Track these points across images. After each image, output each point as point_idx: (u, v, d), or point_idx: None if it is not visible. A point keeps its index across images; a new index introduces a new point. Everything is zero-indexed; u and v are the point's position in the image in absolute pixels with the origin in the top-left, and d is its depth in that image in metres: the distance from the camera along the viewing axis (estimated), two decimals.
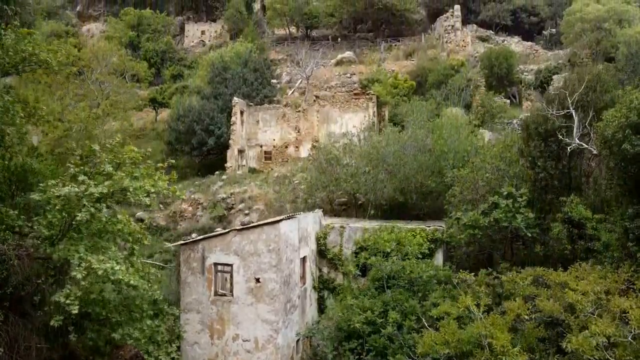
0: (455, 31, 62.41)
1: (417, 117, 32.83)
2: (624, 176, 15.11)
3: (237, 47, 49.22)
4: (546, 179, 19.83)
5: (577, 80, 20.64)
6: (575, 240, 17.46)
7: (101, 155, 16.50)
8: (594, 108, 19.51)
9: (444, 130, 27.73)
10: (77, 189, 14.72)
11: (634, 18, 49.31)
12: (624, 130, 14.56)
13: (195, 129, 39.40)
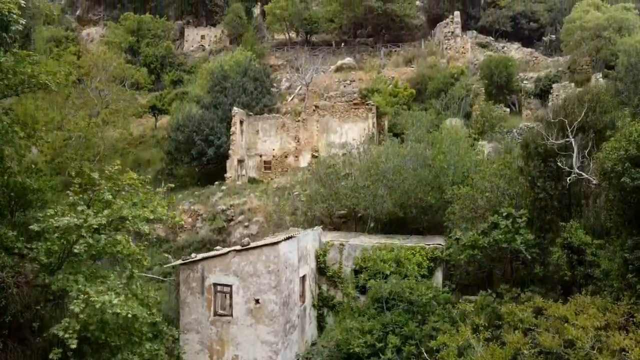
0: (455, 37, 62.39)
1: (416, 130, 32.81)
2: (623, 206, 15.10)
3: (236, 55, 49.18)
4: (546, 200, 19.80)
5: (577, 100, 20.60)
6: (574, 266, 17.45)
7: (100, 183, 16.44)
8: (593, 130, 19.48)
9: (444, 145, 27.71)
10: (76, 219, 14.68)
11: (634, 26, 49.28)
12: (624, 163, 14.54)
13: (195, 139, 39.36)
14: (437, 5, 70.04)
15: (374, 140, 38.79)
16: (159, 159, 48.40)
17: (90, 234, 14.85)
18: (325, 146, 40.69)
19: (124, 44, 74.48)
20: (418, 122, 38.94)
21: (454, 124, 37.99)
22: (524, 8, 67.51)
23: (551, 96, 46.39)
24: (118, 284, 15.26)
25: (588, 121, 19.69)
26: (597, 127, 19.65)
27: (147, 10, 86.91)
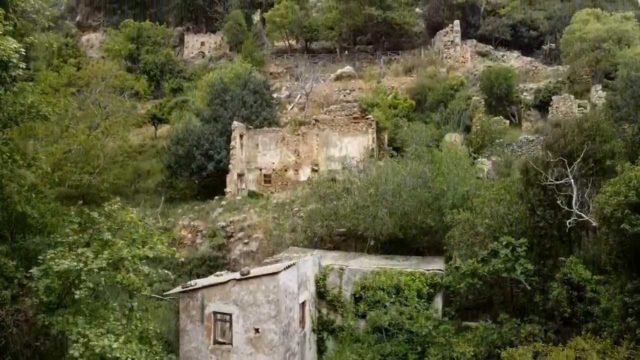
0: (454, 46, 62.46)
1: (416, 147, 32.83)
2: (623, 249, 15.11)
3: (236, 67, 49.16)
4: (545, 228, 19.82)
5: (577, 127, 20.60)
6: (574, 302, 17.46)
7: (100, 221, 16.44)
8: (593, 159, 19.49)
9: (444, 165, 27.72)
10: (76, 263, 14.66)
11: (633, 38, 49.29)
12: (623, 210, 14.56)
13: (195, 153, 39.37)
14: (436, 14, 70.05)
15: (374, 155, 38.77)
16: (158, 170, 48.41)
17: (90, 277, 14.84)
18: (325, 160, 40.72)
19: (123, 51, 74.53)
20: (418, 137, 39.05)
21: (454, 139, 38.05)
22: (524, 16, 67.56)
23: (551, 108, 46.42)
24: (118, 324, 15.23)
25: (588, 150, 19.70)
26: (596, 157, 19.67)
27: (147, 16, 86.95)
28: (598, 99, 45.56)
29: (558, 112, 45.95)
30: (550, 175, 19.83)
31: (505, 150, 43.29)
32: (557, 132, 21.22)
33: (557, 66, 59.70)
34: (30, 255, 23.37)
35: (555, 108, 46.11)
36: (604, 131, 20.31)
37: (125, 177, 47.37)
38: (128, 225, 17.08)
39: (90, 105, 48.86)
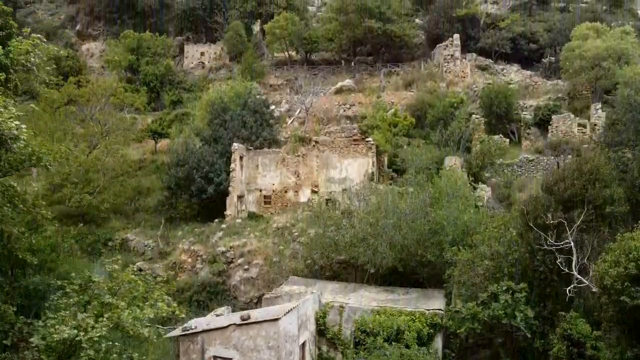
0: (454, 60, 62.51)
1: (416, 176, 32.92)
2: (622, 318, 15.15)
3: (236, 86, 49.15)
4: (545, 272, 19.87)
5: (576, 170, 20.63)
6: (574, 359, 17.51)
7: (100, 284, 16.46)
8: (593, 205, 19.54)
9: (443, 196, 27.77)
10: (76, 331, 14.66)
11: (633, 55, 49.32)
12: (623, 282, 14.62)
13: (195, 176, 39.37)
14: (436, 26, 70.01)
15: (374, 179, 38.79)
16: (159, 187, 48.35)
17: (90, 345, 14.83)
18: (325, 181, 40.73)
19: (123, 62, 74.53)
20: (418, 160, 39.10)
21: (454, 162, 38.05)
22: (524, 29, 67.52)
23: (551, 127, 46.48)
24: None
25: (587, 195, 19.74)
26: (596, 203, 19.71)
27: (147, 26, 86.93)
28: (598, 118, 45.61)
29: (558, 132, 46.07)
30: (551, 217, 19.85)
31: (505, 171, 43.42)
32: (557, 174, 21.22)
33: (557, 80, 59.71)
34: (30, 294, 23.44)
35: (555, 127, 46.20)
36: (604, 175, 20.34)
37: (126, 194, 47.34)
38: (128, 284, 17.06)
39: (91, 121, 48.88)
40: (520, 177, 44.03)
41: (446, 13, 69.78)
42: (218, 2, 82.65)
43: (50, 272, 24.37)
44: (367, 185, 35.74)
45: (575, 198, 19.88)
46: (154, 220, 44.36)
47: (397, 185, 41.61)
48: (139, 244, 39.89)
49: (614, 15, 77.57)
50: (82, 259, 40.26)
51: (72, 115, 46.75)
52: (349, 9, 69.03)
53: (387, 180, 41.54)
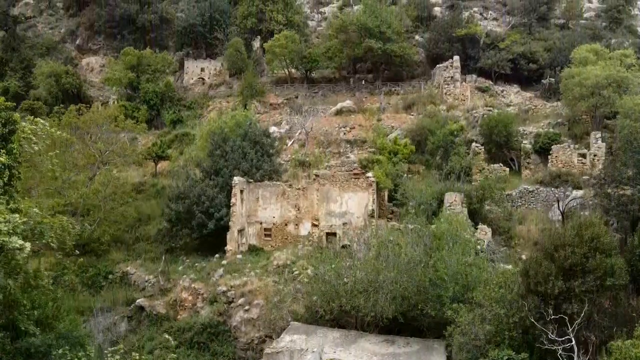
0: (454, 82, 62.71)
1: (415, 214, 33.01)
2: None
3: (237, 116, 49.19)
4: (545, 343, 19.95)
5: (577, 237, 20.70)
6: None
7: None
8: (594, 275, 19.63)
9: (444, 245, 27.86)
10: None
11: (633, 84, 49.42)
12: None
13: (195, 211, 39.46)
14: (436, 46, 70.19)
15: (374, 215, 38.88)
16: (159, 214, 48.39)
17: None
18: (326, 215, 40.82)
19: (123, 79, 74.60)
20: (418, 196, 39.24)
21: (454, 199, 38.13)
22: (523, 49, 67.61)
23: (550, 157, 46.58)
24: None
25: (588, 265, 19.83)
26: (597, 274, 19.81)
27: (147, 41, 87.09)
28: (598, 149, 45.72)
29: (558, 162, 46.18)
30: (552, 286, 19.92)
31: (505, 201, 43.47)
32: (558, 238, 21.30)
33: (557, 102, 59.83)
34: (32, 355, 23.47)
35: (555, 157, 46.31)
36: (604, 245, 20.42)
37: (126, 222, 47.39)
38: None
39: (91, 148, 48.90)
40: (520, 207, 44.22)
41: (446, 32, 69.96)
42: (218, 18, 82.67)
43: (52, 329, 24.37)
44: (367, 224, 35.83)
45: (576, 267, 19.98)
46: (155, 250, 44.43)
47: (397, 219, 41.94)
48: (140, 279, 39.98)
49: (614, 34, 77.75)
50: (83, 293, 40.50)
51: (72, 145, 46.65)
52: (349, 28, 69.24)
53: (387, 214, 41.68)
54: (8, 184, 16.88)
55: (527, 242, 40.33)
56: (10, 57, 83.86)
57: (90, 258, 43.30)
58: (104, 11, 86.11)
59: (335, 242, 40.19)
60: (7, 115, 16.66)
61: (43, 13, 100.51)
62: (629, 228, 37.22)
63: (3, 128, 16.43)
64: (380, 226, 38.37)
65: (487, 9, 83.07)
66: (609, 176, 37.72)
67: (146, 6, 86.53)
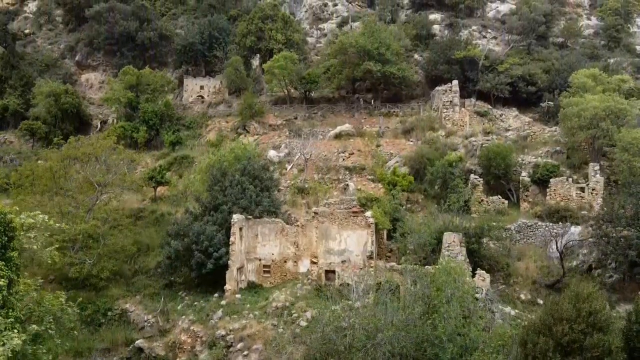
0: (453, 106, 62.81)
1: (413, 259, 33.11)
2: None
3: (236, 149, 49.24)
4: None
5: (575, 310, 20.80)
6: None
7: None
8: (590, 354, 19.73)
9: (443, 305, 27.95)
10: None
11: (630, 114, 49.52)
12: None
13: (194, 250, 39.52)
14: (435, 67, 70.30)
15: (373, 256, 38.95)
16: (158, 243, 48.42)
17: None
18: (325, 253, 40.83)
19: (123, 99, 74.68)
20: (417, 237, 39.37)
21: (453, 239, 38.20)
22: (522, 72, 67.73)
23: (549, 190, 46.68)
24: None
25: (586, 343, 19.93)
26: (594, 353, 19.90)
27: (146, 58, 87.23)
28: (596, 183, 45.80)
29: (556, 195, 46.31)
30: None
31: (504, 235, 43.50)
32: (556, 311, 21.40)
33: (555, 127, 59.91)
34: None
35: (554, 190, 46.42)
36: (601, 322, 20.51)
37: (125, 253, 47.33)
38: None
39: (90, 178, 48.91)
40: (519, 242, 44.32)
41: (445, 54, 70.07)
42: (217, 36, 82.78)
43: None
44: (366, 265, 36.02)
45: (574, 344, 20.09)
46: (154, 285, 44.51)
47: (396, 258, 42.07)
48: (139, 318, 40.07)
49: (612, 53, 77.90)
50: (82, 331, 40.50)
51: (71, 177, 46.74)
52: (348, 50, 69.32)
53: (386, 252, 41.79)
54: (7, 294, 16.92)
55: (526, 281, 40.53)
56: (9, 74, 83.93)
57: (89, 293, 43.37)
58: (103, 28, 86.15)
59: (334, 280, 40.43)
60: (7, 220, 16.70)
61: (42, 28, 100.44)
62: (627, 269, 37.52)
63: (2, 236, 16.48)
64: (379, 268, 38.59)
65: (486, 27, 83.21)
66: (607, 217, 37.93)
67: (145, 23, 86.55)
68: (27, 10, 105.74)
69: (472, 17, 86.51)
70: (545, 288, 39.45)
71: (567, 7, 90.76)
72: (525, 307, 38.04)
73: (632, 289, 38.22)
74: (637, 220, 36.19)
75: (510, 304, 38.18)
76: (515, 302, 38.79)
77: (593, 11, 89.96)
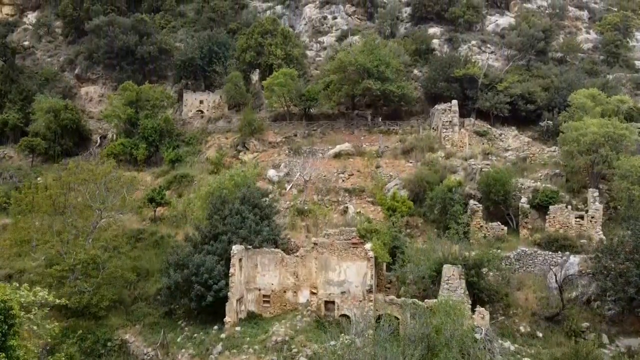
0: (453, 127, 62.84)
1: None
2: None
3: (235, 176, 49.24)
4: None
5: None
6: None
7: None
8: None
9: (442, 347, 28.07)
10: None
11: (629, 140, 49.60)
12: None
13: (194, 282, 39.60)
14: (434, 85, 70.35)
15: (373, 290, 39.01)
16: (158, 268, 48.49)
17: None
18: (324, 284, 40.97)
19: (123, 115, 74.74)
20: (416, 270, 39.48)
21: (452, 273, 38.28)
22: (521, 90, 67.80)
23: (548, 217, 46.72)
24: None
25: None
26: None
27: (146, 72, 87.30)
28: (595, 211, 45.85)
29: (555, 222, 46.34)
30: None
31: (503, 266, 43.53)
32: None
33: (554, 147, 60.00)
34: None
35: (553, 217, 46.47)
36: None
37: (125, 278, 47.32)
38: None
39: (90, 203, 48.93)
40: (519, 270, 44.35)
41: (444, 72, 70.08)
42: (217, 51, 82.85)
43: None
44: (365, 305, 36.08)
45: None
46: (154, 313, 44.67)
47: (395, 289, 42.16)
48: (138, 350, 40.22)
49: (612, 69, 77.98)
50: None
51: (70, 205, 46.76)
52: (348, 68, 69.35)
53: (385, 284, 41.88)
54: None
55: (525, 312, 40.59)
56: (9, 88, 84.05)
57: (89, 322, 43.48)
58: (103, 42, 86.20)
59: (333, 311, 40.56)
60: (7, 307, 16.73)
61: (42, 39, 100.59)
62: (627, 303, 37.57)
63: (2, 325, 16.51)
64: (378, 301, 38.70)
65: (485, 42, 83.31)
66: (606, 251, 38.07)
67: (145, 37, 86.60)
68: (27, 21, 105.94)
69: (471, 30, 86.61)
70: (544, 320, 39.53)
71: (566, 20, 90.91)
72: (524, 341, 38.12)
73: (631, 322, 38.42)
74: (636, 255, 36.28)
75: (509, 337, 38.24)
76: (515, 335, 38.85)
77: (592, 25, 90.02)
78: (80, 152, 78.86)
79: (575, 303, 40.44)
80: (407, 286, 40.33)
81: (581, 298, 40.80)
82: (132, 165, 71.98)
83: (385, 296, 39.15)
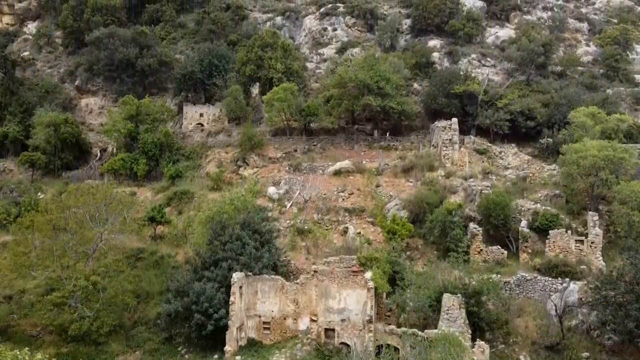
0: (453, 145, 62.88)
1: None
2: None
3: (235, 200, 49.21)
4: None
5: None
6: None
7: None
8: None
9: None
10: None
11: (629, 164, 49.65)
12: None
13: (194, 310, 39.67)
14: (434, 101, 70.45)
15: (372, 320, 39.05)
16: (158, 290, 48.60)
17: None
18: (324, 311, 41.05)
19: (123, 130, 74.73)
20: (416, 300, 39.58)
21: (452, 302, 38.34)
22: (521, 107, 67.89)
23: (548, 242, 46.76)
24: None
25: None
26: None
27: (146, 85, 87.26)
28: (595, 236, 45.89)
29: (555, 247, 46.40)
30: None
31: (503, 290, 43.61)
32: None
33: (554, 165, 60.04)
34: None
35: (553, 242, 46.52)
36: None
37: (125, 302, 47.37)
38: None
39: (90, 222, 48.97)
40: (519, 296, 44.41)
41: (444, 88, 70.13)
42: (217, 64, 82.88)
43: None
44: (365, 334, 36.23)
45: None
46: (154, 338, 44.79)
47: (395, 318, 42.20)
48: None
49: (611, 83, 78.06)
50: None
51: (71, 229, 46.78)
52: (348, 84, 69.41)
53: (385, 312, 41.92)
54: None
55: (525, 341, 40.65)
56: (9, 101, 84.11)
57: (89, 348, 43.58)
58: (103, 54, 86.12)
59: (333, 338, 40.65)
60: None
61: (42, 50, 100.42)
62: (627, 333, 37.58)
63: None
64: (378, 330, 38.77)
65: (485, 55, 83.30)
66: (606, 281, 38.14)
67: (145, 49, 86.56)
68: (27, 31, 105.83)
69: (471, 43, 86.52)
70: (544, 350, 39.59)
71: (566, 32, 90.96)
72: None
73: (631, 352, 38.46)
74: (636, 287, 36.34)
75: None
76: None
77: (592, 37, 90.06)
78: (81, 165, 78.96)
79: (576, 331, 40.49)
80: (407, 314, 40.35)
81: (581, 326, 40.83)
82: (132, 181, 72.08)
83: (385, 325, 39.21)
